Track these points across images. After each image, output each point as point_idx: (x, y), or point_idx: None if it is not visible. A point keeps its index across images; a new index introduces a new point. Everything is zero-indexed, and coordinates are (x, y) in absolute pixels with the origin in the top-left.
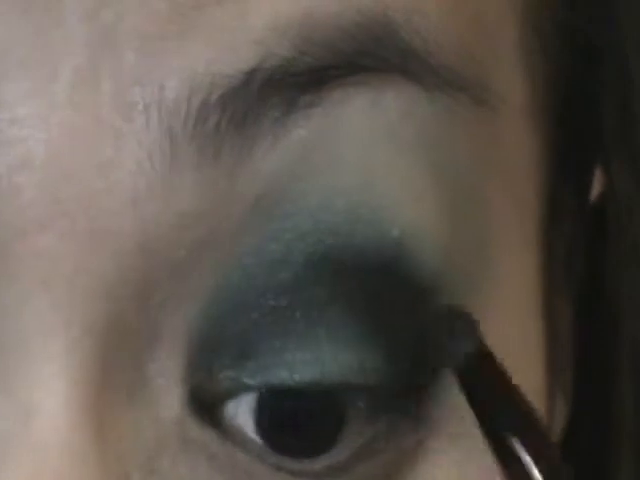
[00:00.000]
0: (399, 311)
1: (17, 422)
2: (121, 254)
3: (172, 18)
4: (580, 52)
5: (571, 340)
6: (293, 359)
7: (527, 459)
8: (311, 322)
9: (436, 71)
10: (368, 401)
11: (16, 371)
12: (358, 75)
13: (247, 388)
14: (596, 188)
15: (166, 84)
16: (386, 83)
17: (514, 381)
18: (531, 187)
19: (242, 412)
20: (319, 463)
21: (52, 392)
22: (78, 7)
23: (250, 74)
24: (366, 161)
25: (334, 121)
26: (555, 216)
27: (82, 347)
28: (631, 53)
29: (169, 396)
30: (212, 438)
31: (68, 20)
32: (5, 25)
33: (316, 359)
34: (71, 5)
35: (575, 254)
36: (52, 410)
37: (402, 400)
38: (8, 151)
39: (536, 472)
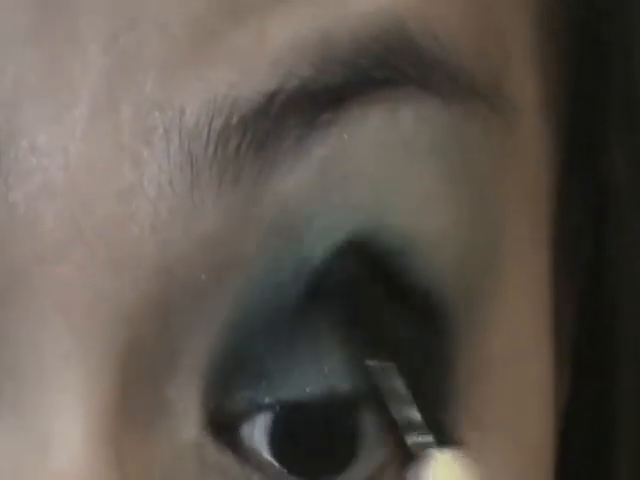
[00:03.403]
0: (408, 321)
1: (34, 453)
2: (141, 281)
3: (191, 43)
4: (588, 48)
5: (572, 336)
6: (305, 375)
7: None
8: (324, 339)
9: (453, 77)
10: (382, 417)
11: (33, 400)
12: (375, 90)
13: (262, 408)
14: None
15: (186, 108)
16: (403, 95)
17: (527, 381)
18: (543, 185)
19: (258, 434)
20: None
21: (70, 421)
22: (96, 34)
23: (270, 96)
24: (381, 175)
25: (351, 138)
26: (563, 211)
27: (101, 374)
28: (636, 49)
29: (187, 420)
30: (229, 461)
31: (87, 48)
32: (23, 53)
33: (327, 374)
34: (89, 33)
35: (581, 248)
36: (70, 440)
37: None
38: (27, 179)
39: None
